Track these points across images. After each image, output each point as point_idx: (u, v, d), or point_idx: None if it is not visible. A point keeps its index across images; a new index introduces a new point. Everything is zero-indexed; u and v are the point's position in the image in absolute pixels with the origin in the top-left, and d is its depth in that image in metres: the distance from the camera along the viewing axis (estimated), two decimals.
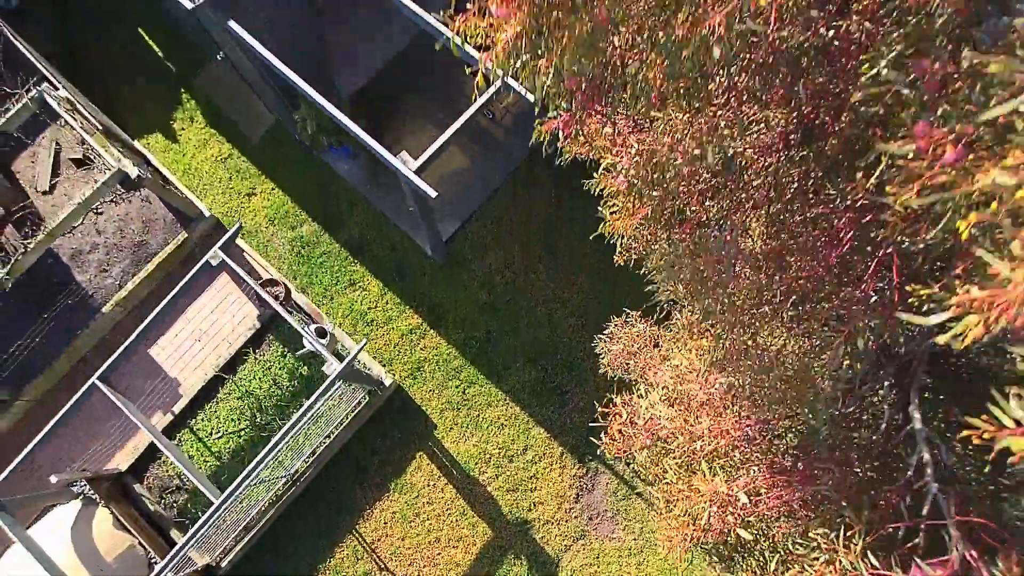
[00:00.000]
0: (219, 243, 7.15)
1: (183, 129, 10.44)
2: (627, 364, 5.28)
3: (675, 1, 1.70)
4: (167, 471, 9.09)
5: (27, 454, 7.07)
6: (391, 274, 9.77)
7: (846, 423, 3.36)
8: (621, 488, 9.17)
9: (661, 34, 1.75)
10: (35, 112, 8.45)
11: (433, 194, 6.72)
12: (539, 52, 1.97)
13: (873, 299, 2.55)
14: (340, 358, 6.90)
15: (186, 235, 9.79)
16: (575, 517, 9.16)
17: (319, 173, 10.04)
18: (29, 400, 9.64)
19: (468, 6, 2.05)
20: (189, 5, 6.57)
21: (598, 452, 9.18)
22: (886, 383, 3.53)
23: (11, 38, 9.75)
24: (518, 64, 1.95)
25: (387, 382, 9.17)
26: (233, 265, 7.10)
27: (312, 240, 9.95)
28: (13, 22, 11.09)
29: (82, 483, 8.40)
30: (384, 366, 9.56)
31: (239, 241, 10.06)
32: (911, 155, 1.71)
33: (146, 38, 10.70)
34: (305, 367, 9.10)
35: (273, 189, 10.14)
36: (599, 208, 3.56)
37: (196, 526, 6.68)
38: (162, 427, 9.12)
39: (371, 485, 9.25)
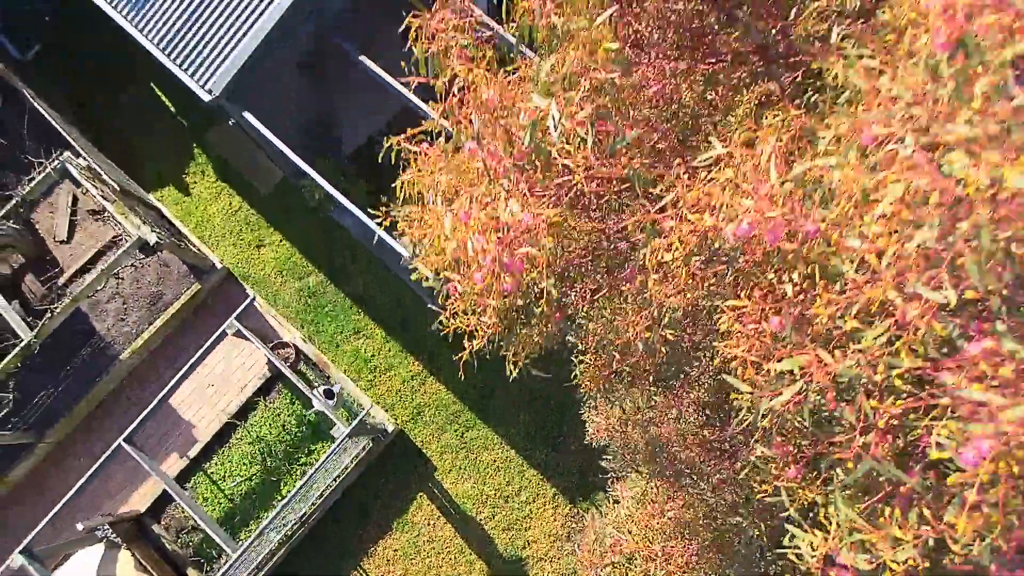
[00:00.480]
0: (235, 313, 7.68)
1: (195, 183, 10.98)
2: (611, 435, 5.83)
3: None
4: (183, 512, 9.66)
5: (56, 512, 7.61)
6: (394, 323, 10.32)
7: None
8: None
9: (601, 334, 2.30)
10: (56, 180, 8.99)
11: (407, 254, 7.27)
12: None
13: None
14: (348, 410, 7.46)
15: (199, 286, 10.34)
16: (567, 555, 9.72)
17: (325, 226, 10.58)
18: (51, 443, 10.21)
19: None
20: (207, 97, 7.10)
21: (589, 494, 9.76)
22: None
23: (32, 100, 10.29)
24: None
25: (389, 428, 9.73)
26: (248, 335, 7.64)
27: (319, 290, 10.50)
28: (27, 73, 11.64)
29: (104, 527, 8.97)
30: (386, 411, 10.12)
31: (249, 290, 10.62)
32: None
33: (160, 94, 11.23)
34: (313, 414, 9.66)
35: (281, 241, 10.69)
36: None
37: None
38: (178, 471, 9.69)
39: (374, 524, 9.82)
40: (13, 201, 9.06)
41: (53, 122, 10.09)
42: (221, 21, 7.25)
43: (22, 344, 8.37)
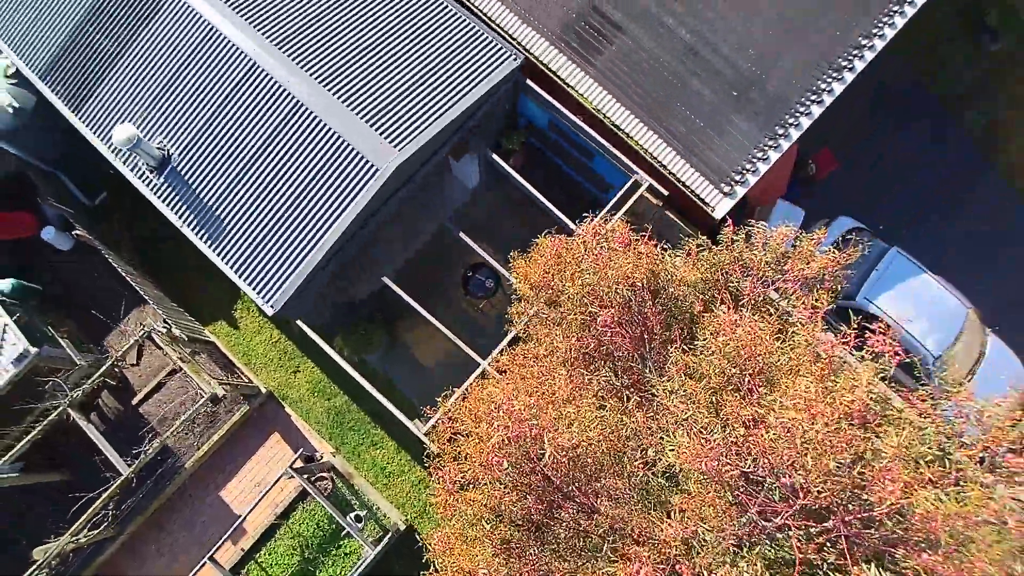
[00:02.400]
0: (290, 463, 10.14)
1: (242, 317, 13.43)
2: None
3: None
4: None
5: None
6: (404, 437, 12.80)
7: None
8: None
9: None
10: (141, 343, 11.40)
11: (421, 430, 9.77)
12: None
13: None
14: (376, 522, 9.86)
15: (247, 408, 12.80)
16: None
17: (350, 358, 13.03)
18: (128, 535, 12.66)
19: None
20: (269, 312, 9.56)
21: None
22: None
23: (108, 258, 12.67)
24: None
25: (401, 526, 12.24)
26: (301, 480, 10.10)
27: (344, 409, 12.99)
28: (95, 219, 14.01)
29: None
30: (398, 508, 12.62)
31: (287, 408, 13.11)
32: None
33: None
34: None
35: (313, 367, 13.17)
36: None
37: None
38: (235, 560, 12.17)
39: None
40: (109, 362, 11.46)
41: (128, 277, 12.49)
42: (284, 251, 9.69)
43: (122, 478, 10.82)
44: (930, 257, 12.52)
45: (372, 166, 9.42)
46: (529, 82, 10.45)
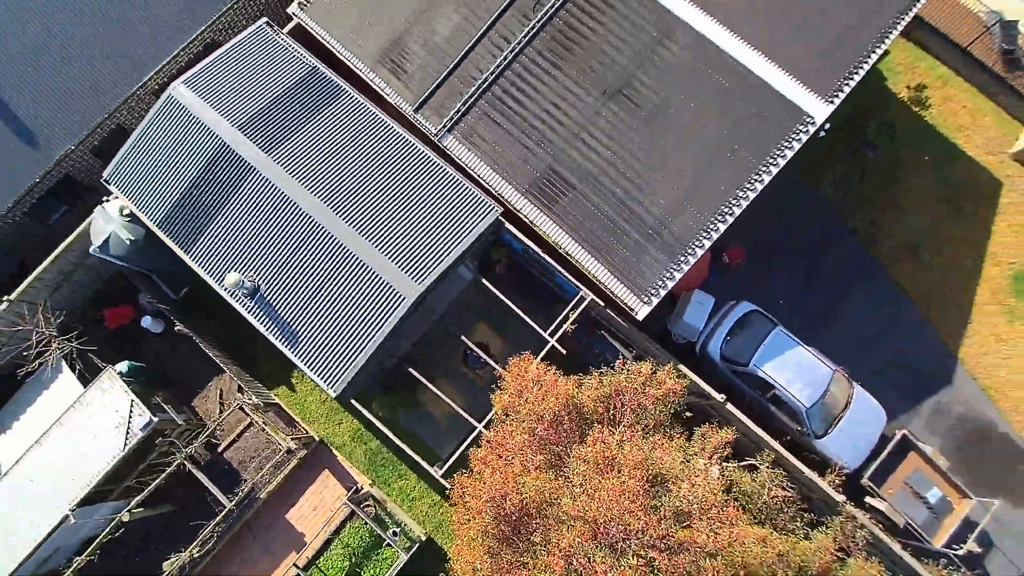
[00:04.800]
0: (347, 496, 14.48)
1: (297, 381, 17.79)
2: None
3: None
4: None
5: None
6: (422, 469, 17.14)
7: None
8: None
9: None
10: (223, 404, 15.73)
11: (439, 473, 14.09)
12: None
13: None
14: (406, 536, 14.15)
15: (306, 451, 17.15)
16: None
17: (382, 412, 17.38)
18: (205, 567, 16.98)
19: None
20: (332, 395, 13.89)
21: None
22: None
23: (199, 343, 16.98)
24: None
25: (423, 537, 16.62)
26: (356, 509, 14.44)
27: (377, 451, 17.36)
28: (180, 309, 18.29)
29: None
30: (419, 523, 16.99)
31: (334, 451, 17.47)
32: None
33: None
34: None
35: (352, 420, 17.53)
36: None
37: None
38: (303, 564, 16.52)
39: None
40: (212, 426, 15.79)
41: (213, 356, 16.80)
42: (341, 353, 14.01)
43: (226, 509, 15.16)
44: (805, 327, 16.92)
45: (401, 295, 13.78)
46: (507, 225, 14.79)
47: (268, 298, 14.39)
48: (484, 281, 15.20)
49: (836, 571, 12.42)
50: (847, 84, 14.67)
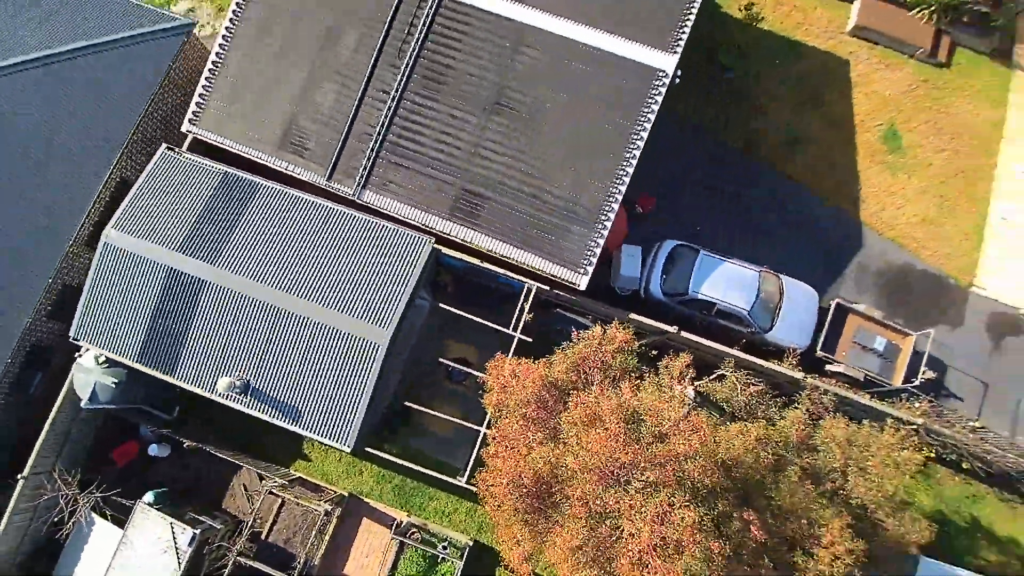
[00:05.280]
0: (393, 532, 15.98)
1: (310, 451, 19.15)
2: None
3: None
4: None
5: None
6: (448, 485, 18.69)
7: None
8: None
9: None
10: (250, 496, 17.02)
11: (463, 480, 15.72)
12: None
13: None
14: (454, 546, 15.74)
15: (340, 509, 18.53)
16: None
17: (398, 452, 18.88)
18: None
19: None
20: (346, 450, 15.34)
21: None
22: None
23: (211, 452, 18.15)
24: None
25: (470, 543, 18.21)
26: (405, 540, 15.94)
27: (402, 485, 18.86)
28: (182, 428, 19.38)
29: None
30: (462, 533, 18.57)
31: (365, 498, 18.89)
32: None
33: None
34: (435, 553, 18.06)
35: (371, 466, 18.97)
36: None
37: None
38: None
39: None
40: (250, 519, 17.06)
41: (228, 457, 18.02)
42: (340, 412, 15.45)
43: None
44: (728, 242, 19.02)
45: (375, 344, 15.29)
46: (444, 250, 16.41)
47: (260, 388, 15.72)
48: (441, 304, 16.80)
49: (812, 435, 14.47)
50: (683, 32, 16.68)
